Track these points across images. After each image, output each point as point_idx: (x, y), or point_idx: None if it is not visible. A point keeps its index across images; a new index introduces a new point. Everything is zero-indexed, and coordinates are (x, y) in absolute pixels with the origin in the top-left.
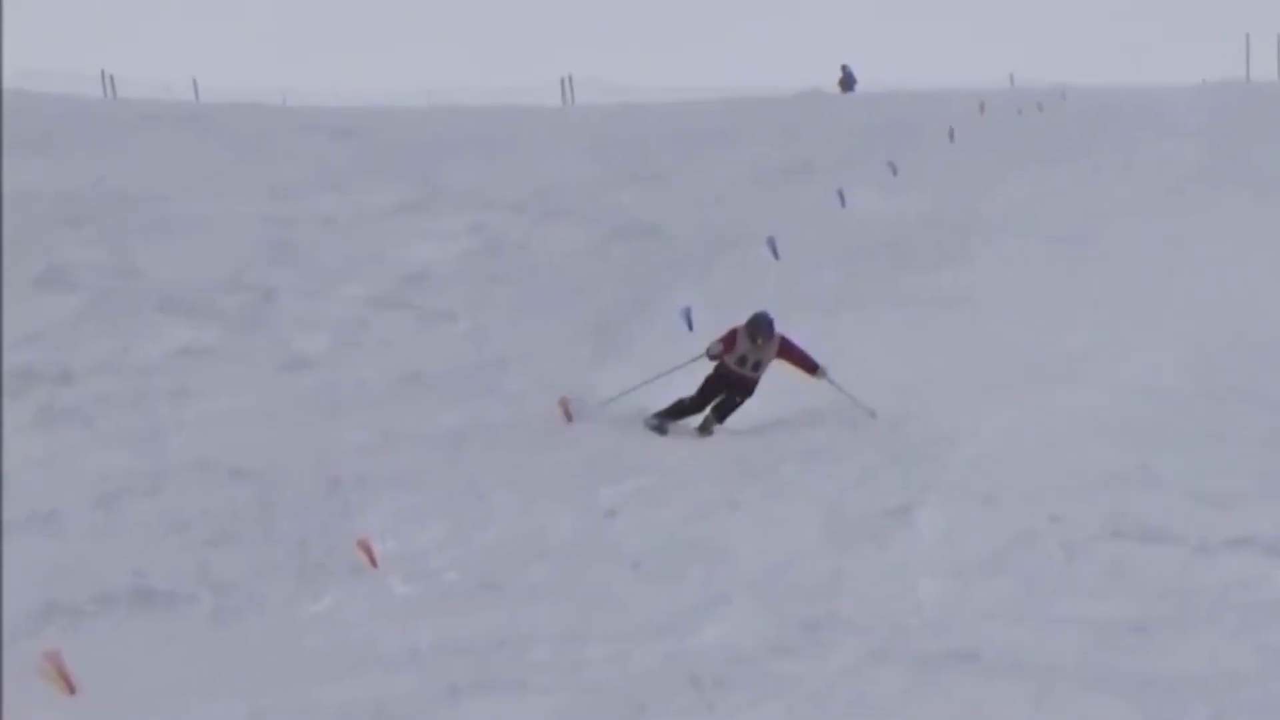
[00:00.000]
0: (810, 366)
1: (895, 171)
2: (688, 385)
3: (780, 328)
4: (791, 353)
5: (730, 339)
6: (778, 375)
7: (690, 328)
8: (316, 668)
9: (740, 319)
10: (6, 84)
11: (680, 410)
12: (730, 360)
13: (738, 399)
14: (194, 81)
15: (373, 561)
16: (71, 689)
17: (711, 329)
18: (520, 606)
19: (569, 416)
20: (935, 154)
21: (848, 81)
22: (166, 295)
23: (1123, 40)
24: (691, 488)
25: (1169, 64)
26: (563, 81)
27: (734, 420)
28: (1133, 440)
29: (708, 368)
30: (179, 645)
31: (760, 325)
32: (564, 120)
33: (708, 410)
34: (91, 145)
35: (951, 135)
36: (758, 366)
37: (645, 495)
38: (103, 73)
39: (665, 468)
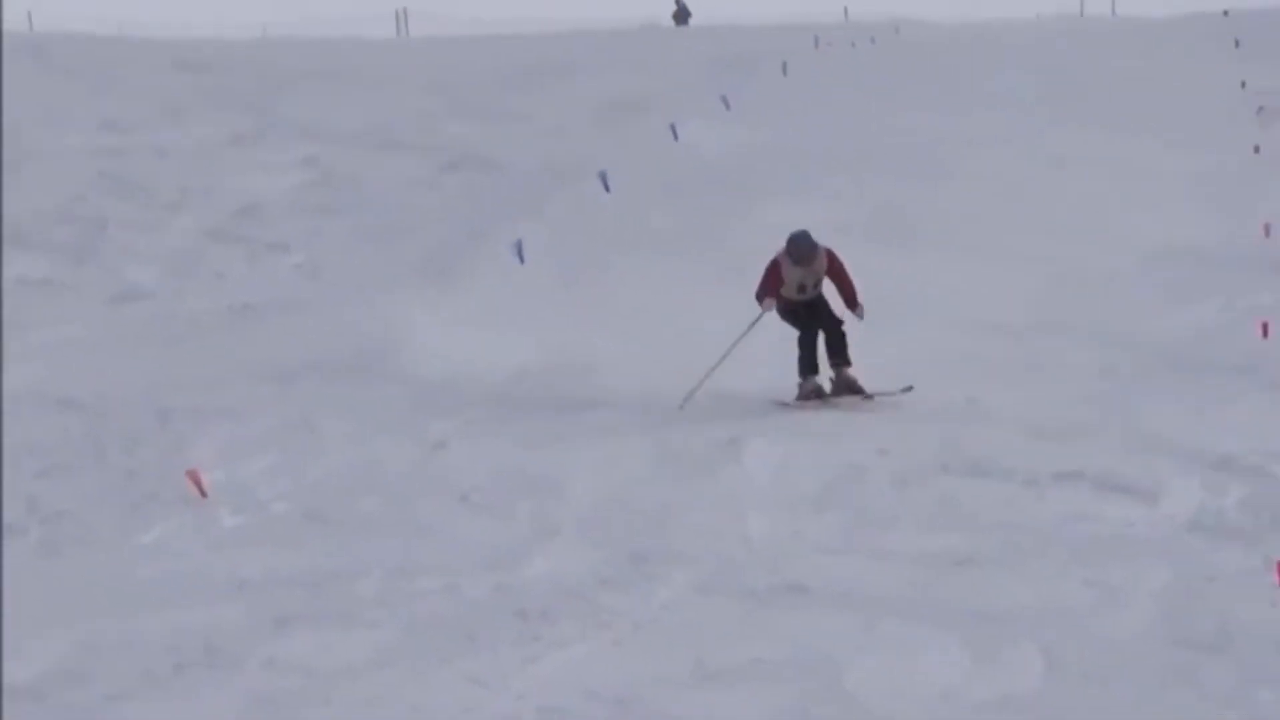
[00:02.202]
0: (851, 299)
1: (728, 105)
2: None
3: (613, 263)
4: (839, 273)
5: (774, 274)
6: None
7: (521, 261)
8: (145, 598)
9: (576, 251)
10: None
11: (809, 358)
12: (790, 292)
13: (831, 328)
14: (28, 12)
15: (202, 492)
16: None
17: (544, 262)
18: (350, 538)
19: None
20: (769, 88)
21: (682, 14)
22: None
23: None
24: (522, 420)
25: None
26: (397, 14)
27: (573, 353)
28: (964, 374)
29: (774, 322)
30: (6, 576)
31: (800, 244)
32: (398, 53)
33: (822, 373)
34: None
35: (785, 69)
36: (818, 284)
37: (476, 427)
38: None
39: (496, 399)
